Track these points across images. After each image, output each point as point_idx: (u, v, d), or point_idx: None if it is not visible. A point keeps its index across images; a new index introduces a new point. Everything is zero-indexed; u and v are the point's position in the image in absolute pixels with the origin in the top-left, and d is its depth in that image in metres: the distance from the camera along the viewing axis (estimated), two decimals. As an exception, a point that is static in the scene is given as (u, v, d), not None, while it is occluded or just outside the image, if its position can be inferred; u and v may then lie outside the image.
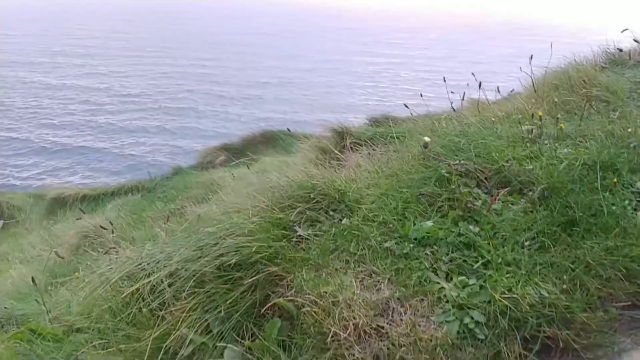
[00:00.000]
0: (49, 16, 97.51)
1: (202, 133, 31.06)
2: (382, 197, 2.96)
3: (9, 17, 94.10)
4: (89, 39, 70.56)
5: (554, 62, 5.49)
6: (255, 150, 17.72)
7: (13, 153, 26.19)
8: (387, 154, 3.90)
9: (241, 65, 55.46)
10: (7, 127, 30.73)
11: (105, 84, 43.98)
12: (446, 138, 3.48)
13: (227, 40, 73.83)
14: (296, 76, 50.45)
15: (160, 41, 70.31)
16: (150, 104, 37.80)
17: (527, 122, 3.63)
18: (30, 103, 36.79)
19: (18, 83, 42.93)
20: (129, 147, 28.02)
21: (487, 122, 3.95)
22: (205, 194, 10.19)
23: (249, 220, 2.69)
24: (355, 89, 45.97)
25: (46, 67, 50.46)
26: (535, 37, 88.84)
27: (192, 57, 58.96)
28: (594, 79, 4.60)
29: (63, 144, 27.90)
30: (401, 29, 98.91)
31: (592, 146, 3.13)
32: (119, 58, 56.88)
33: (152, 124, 32.84)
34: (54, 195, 13.30)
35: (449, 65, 58.44)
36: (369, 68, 56.22)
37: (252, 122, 33.43)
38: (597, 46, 6.49)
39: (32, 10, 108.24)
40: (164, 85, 44.18)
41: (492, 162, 3.13)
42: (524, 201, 2.81)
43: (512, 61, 59.26)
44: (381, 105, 39.17)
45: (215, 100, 39.56)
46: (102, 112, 35.35)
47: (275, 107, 38.29)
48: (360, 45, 73.32)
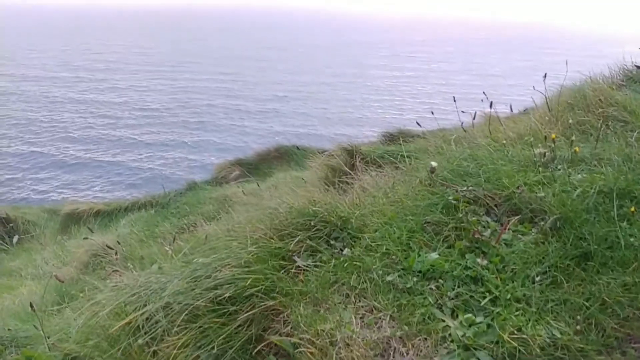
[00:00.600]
0: (71, 32, 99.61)
1: (218, 147, 31.21)
2: (386, 225, 2.84)
3: (32, 33, 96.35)
4: (109, 53, 71.87)
5: (569, 76, 5.34)
6: (269, 165, 17.72)
7: (32, 167, 26.60)
8: (394, 177, 3.78)
9: (258, 79, 55.87)
10: (28, 141, 31.25)
11: (124, 98, 44.66)
12: (454, 162, 3.35)
13: (244, 54, 74.55)
14: (312, 90, 50.60)
15: (180, 56, 71.27)
16: (168, 118, 38.21)
17: (539, 145, 3.48)
18: (52, 117, 37.43)
19: (40, 97, 43.78)
20: (146, 160, 28.27)
21: (498, 144, 3.81)
22: (217, 211, 10.15)
23: (246, 250, 2.60)
24: (371, 103, 45.91)
25: (68, 81, 51.43)
26: (550, 49, 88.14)
27: (210, 71, 59.62)
28: (611, 97, 4.44)
29: (81, 157, 28.27)
30: (417, 42, 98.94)
31: (608, 172, 2.97)
32: (139, 73, 57.77)
33: (169, 138, 33.14)
34: (68, 211, 13.37)
35: (464, 79, 58.17)
36: (385, 82, 56.18)
37: (268, 136, 33.53)
38: (613, 62, 6.31)
39: (54, 26, 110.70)
40: (182, 99, 44.66)
41: (502, 188, 2.99)
42: (535, 231, 2.66)
43: (528, 74, 59.19)
44: (397, 119, 39.04)
45: (232, 114, 39.83)
46: (120, 126, 35.83)
47: (291, 121, 38.39)
48: (376, 59, 73.43)
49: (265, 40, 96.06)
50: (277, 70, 61.65)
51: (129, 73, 57.39)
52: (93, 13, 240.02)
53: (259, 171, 17.32)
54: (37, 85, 48.62)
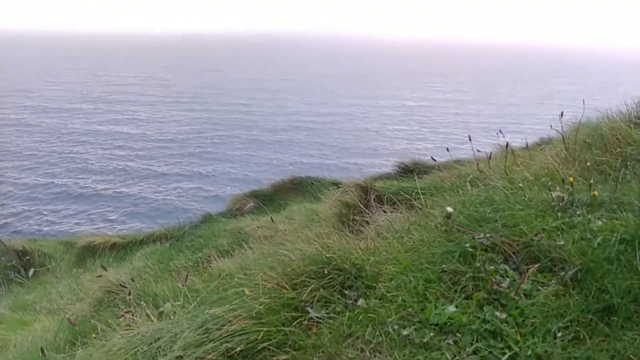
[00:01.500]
0: (90, 64, 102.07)
1: (234, 178, 31.40)
2: (402, 274, 2.78)
3: (53, 64, 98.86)
4: (128, 85, 73.43)
5: (585, 106, 5.28)
6: (284, 197, 17.70)
7: (49, 198, 26.94)
8: (409, 219, 3.73)
9: (274, 109, 56.50)
10: (46, 173, 31.75)
11: (141, 129, 45.34)
12: (471, 206, 3.30)
13: (260, 85, 75.63)
14: (327, 120, 50.96)
15: (198, 87, 72.53)
16: (184, 149, 38.64)
17: (557, 188, 3.41)
18: (70, 148, 38.09)
19: (59, 129, 44.64)
20: (162, 192, 28.50)
21: (514, 186, 3.75)
22: (231, 245, 10.12)
23: (258, 300, 2.55)
24: (386, 132, 46.04)
25: (86, 113, 52.48)
26: (564, 76, 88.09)
27: (227, 102, 60.48)
28: (629, 136, 4.37)
29: (98, 189, 28.60)
30: (431, 71, 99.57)
31: (628, 218, 2.90)
32: (157, 104, 58.79)
33: (185, 169, 33.44)
34: (84, 243, 13.42)
35: (478, 108, 58.24)
36: (399, 111, 56.43)
37: (283, 167, 33.69)
38: (628, 91, 6.24)
39: (75, 58, 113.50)
40: (199, 130, 45.23)
41: (520, 234, 2.93)
42: (556, 282, 2.58)
43: (541, 103, 58.76)
44: (411, 149, 39.02)
45: (247, 145, 40.17)
46: (137, 157, 36.29)
47: (306, 151, 38.58)
48: (389, 89, 73.92)
49: (282, 71, 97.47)
50: (293, 101, 62.34)
51: (147, 104, 58.44)
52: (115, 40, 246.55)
53: (274, 203, 17.29)
54: (56, 117, 49.66)
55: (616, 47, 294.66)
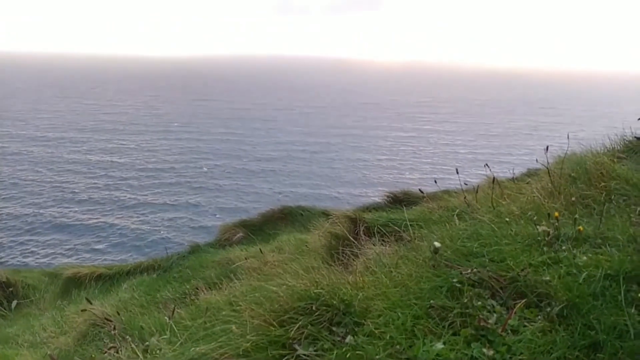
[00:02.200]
0: (80, 93, 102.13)
1: (223, 208, 31.29)
2: (390, 310, 2.78)
3: (40, 93, 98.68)
4: (118, 114, 73.49)
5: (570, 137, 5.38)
6: (273, 226, 17.62)
7: (35, 229, 26.59)
8: (398, 253, 3.74)
9: (264, 139, 56.76)
10: (31, 203, 31.40)
11: (130, 158, 45.27)
12: (458, 240, 3.32)
13: (249, 115, 76.09)
14: (317, 149, 51.25)
15: (188, 116, 72.80)
16: (173, 179, 38.56)
17: (543, 222, 3.46)
18: (56, 178, 37.81)
19: (46, 158, 44.41)
20: (150, 222, 28.26)
21: (500, 220, 3.79)
22: (219, 276, 10.03)
23: (245, 338, 2.53)
24: (375, 162, 46.36)
25: (75, 142, 52.33)
26: (549, 108, 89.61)
27: (216, 131, 60.71)
28: (612, 170, 4.45)
29: (84, 219, 28.31)
30: (419, 103, 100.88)
31: (613, 254, 2.94)
32: (146, 133, 58.85)
33: (174, 199, 33.27)
34: (69, 274, 13.22)
35: (466, 139, 58.95)
36: (388, 142, 56.97)
37: (273, 196, 33.67)
38: (611, 123, 6.39)
39: (65, 85, 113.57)
40: (188, 159, 45.24)
41: (507, 269, 2.95)
42: (542, 317, 2.60)
43: (528, 134, 59.70)
44: (400, 179, 39.24)
45: (237, 175, 40.18)
46: (125, 187, 36.11)
47: (296, 181, 38.65)
48: (379, 120, 74.70)
49: (272, 100, 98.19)
50: (281, 131, 62.72)
51: (137, 133, 58.47)
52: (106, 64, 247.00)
53: (263, 232, 17.21)
54: (44, 146, 49.47)
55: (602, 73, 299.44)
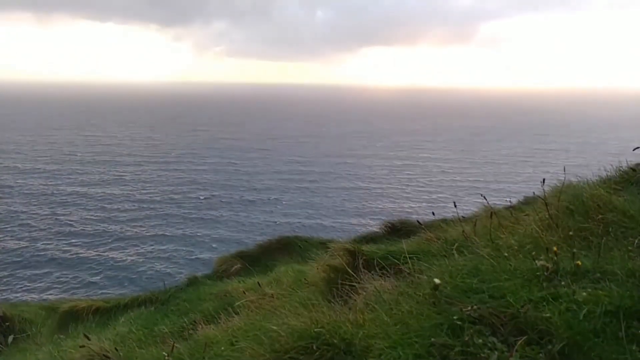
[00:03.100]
0: (78, 122, 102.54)
1: (220, 239, 31.14)
2: (391, 348, 2.77)
3: (35, 124, 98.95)
4: (115, 145, 73.73)
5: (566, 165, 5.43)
6: (271, 257, 17.55)
7: (31, 262, 26.36)
8: (398, 288, 3.75)
9: (261, 169, 56.93)
10: (27, 236, 31.21)
11: (127, 190, 45.22)
12: (458, 276, 3.34)
13: (247, 145, 76.45)
14: (314, 179, 51.36)
15: (184, 146, 73.09)
16: (170, 210, 38.46)
17: (541, 256, 3.48)
18: (52, 210, 37.65)
19: (42, 191, 44.27)
20: (147, 254, 28.06)
21: (499, 254, 3.81)
22: (217, 310, 9.96)
23: (247, 380, 2.52)
24: (372, 191, 46.43)
25: (71, 174, 52.31)
26: (544, 136, 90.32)
27: (213, 162, 60.90)
28: (609, 202, 4.49)
29: (81, 253, 28.10)
30: (414, 131, 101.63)
31: (612, 289, 2.95)
32: (143, 164, 58.99)
33: (170, 231, 33.11)
34: (66, 308, 13.07)
35: (462, 167, 59.21)
36: (385, 170, 57.19)
37: (271, 226, 33.60)
38: (608, 162, 6.46)
39: (60, 118, 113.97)
40: (185, 190, 45.23)
41: (507, 305, 2.96)
42: (543, 355, 2.60)
43: (523, 161, 60.00)
44: (397, 207, 39.27)
45: (233, 205, 40.14)
46: (122, 219, 35.97)
47: (293, 211, 38.60)
48: (375, 149, 75.11)
49: (267, 131, 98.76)
50: (279, 160, 62.95)
51: (134, 164, 58.57)
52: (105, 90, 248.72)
53: (261, 264, 17.13)
54: (40, 178, 49.47)
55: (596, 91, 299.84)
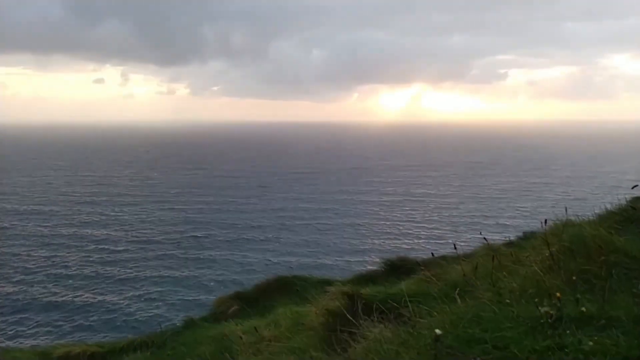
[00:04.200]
0: (75, 164, 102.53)
1: (217, 280, 30.77)
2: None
3: (33, 165, 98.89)
4: (113, 186, 73.46)
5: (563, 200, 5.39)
6: (269, 298, 17.31)
7: (25, 306, 25.93)
8: (399, 337, 3.64)
9: (259, 206, 56.68)
10: (22, 280, 30.80)
11: (124, 231, 44.71)
12: (459, 325, 3.24)
13: (244, 183, 76.36)
14: (312, 216, 51.14)
15: (182, 186, 72.90)
16: (166, 250, 38.04)
17: (545, 302, 3.39)
18: (47, 253, 37.13)
19: (37, 232, 43.76)
20: (143, 296, 27.69)
21: (501, 299, 3.72)
22: (215, 353, 9.78)
23: None
24: (370, 228, 46.18)
25: (68, 215, 51.82)
26: (538, 170, 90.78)
27: (211, 200, 60.65)
28: (611, 243, 4.43)
29: (76, 296, 27.70)
30: (411, 166, 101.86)
31: (619, 338, 2.86)
32: (141, 204, 58.67)
33: (166, 272, 32.68)
34: (61, 354, 12.71)
35: (459, 202, 59.14)
36: (381, 207, 56.99)
37: (269, 265, 33.29)
38: (605, 195, 6.45)
39: (58, 159, 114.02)
40: (181, 230, 44.86)
41: (512, 356, 2.86)
42: (552, 411, 2.49)
43: (520, 195, 59.52)
44: (397, 245, 39.05)
45: (231, 245, 39.79)
46: (117, 261, 35.41)
47: (290, 250, 38.28)
48: (372, 184, 75.14)
49: (265, 167, 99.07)
50: (276, 198, 62.83)
51: (131, 204, 58.29)
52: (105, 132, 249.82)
53: (259, 305, 16.87)
54: (37, 220, 49.13)
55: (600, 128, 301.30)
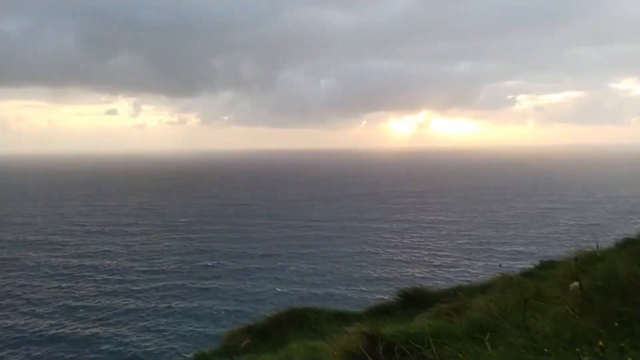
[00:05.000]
0: (87, 194, 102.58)
1: (228, 310, 30.32)
2: None
3: (46, 196, 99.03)
4: (124, 216, 73.32)
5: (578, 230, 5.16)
6: (281, 331, 16.96)
7: (30, 340, 25.59)
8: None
9: (267, 235, 56.26)
10: (28, 312, 30.46)
11: (134, 261, 44.34)
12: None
13: (255, 211, 76.07)
14: (321, 244, 50.63)
15: (192, 215, 72.69)
16: (176, 281, 37.57)
17: (585, 350, 3.16)
18: (57, 284, 36.80)
19: (48, 263, 43.38)
20: (152, 329, 27.27)
21: (535, 344, 3.50)
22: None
23: None
24: (380, 256, 45.55)
25: (79, 245, 51.56)
26: (549, 195, 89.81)
27: (220, 229, 60.37)
28: (646, 281, 4.20)
29: (85, 328, 27.33)
30: (420, 192, 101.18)
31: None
32: (151, 233, 58.47)
33: (177, 303, 32.25)
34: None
35: (469, 229, 58.41)
36: (391, 234, 56.39)
37: (281, 296, 32.84)
38: (622, 226, 6.22)
39: (71, 189, 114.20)
40: (191, 260, 44.45)
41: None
42: None
43: (535, 221, 58.15)
44: (408, 274, 38.53)
45: (242, 275, 39.31)
46: (127, 292, 34.94)
47: (302, 279, 37.76)
48: (381, 211, 74.58)
49: (275, 195, 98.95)
50: (287, 226, 62.50)
51: (141, 234, 58.16)
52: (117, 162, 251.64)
53: (272, 338, 16.55)
54: (48, 250, 49.01)
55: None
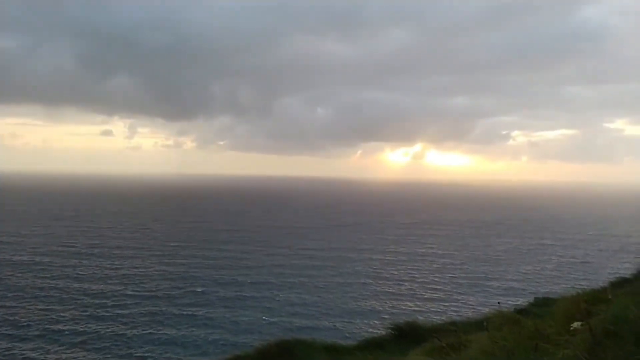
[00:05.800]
0: (78, 215, 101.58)
1: (215, 340, 29.70)
2: None
3: (35, 215, 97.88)
4: (114, 238, 72.31)
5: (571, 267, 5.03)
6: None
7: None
8: None
9: (258, 262, 55.56)
10: (12, 334, 29.76)
11: (123, 285, 43.52)
12: None
13: (246, 237, 75.29)
14: (313, 274, 50.00)
15: (183, 240, 71.86)
16: (162, 307, 36.81)
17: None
18: (42, 307, 36.04)
19: (32, 285, 42.57)
20: (136, 357, 26.61)
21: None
22: None
23: None
24: (372, 288, 45.05)
25: (66, 267, 50.72)
26: (542, 233, 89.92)
27: (210, 255, 59.61)
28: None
29: (68, 356, 26.60)
30: (413, 224, 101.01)
31: None
32: (141, 257, 57.52)
33: (163, 330, 31.56)
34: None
35: (463, 263, 58.21)
36: (384, 266, 55.95)
37: (271, 326, 32.28)
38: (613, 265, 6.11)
39: (61, 209, 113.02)
40: (179, 285, 43.70)
41: None
42: None
43: (527, 256, 57.80)
44: (399, 307, 38.10)
45: (230, 303, 38.61)
46: (113, 317, 34.20)
47: (292, 309, 37.16)
48: (375, 242, 74.18)
49: (268, 221, 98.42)
50: (278, 253, 61.85)
51: (131, 257, 57.31)
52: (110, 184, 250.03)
53: (260, 371, 16.13)
54: (35, 271, 48.17)
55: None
